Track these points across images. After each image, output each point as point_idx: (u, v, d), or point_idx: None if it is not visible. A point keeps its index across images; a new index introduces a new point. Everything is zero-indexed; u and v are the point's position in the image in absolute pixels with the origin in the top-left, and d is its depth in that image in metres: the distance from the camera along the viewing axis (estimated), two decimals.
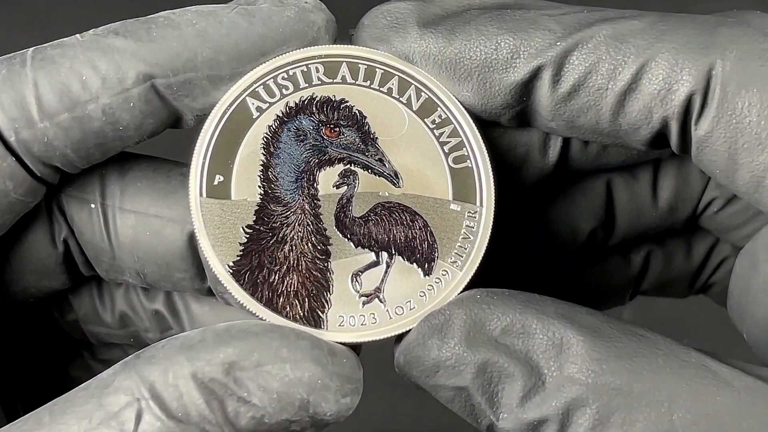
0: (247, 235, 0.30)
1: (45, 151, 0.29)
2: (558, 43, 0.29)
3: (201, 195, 0.30)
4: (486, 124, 0.32)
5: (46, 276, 0.33)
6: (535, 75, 0.29)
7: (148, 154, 0.32)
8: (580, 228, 0.34)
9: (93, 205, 0.32)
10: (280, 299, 0.30)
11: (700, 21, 0.29)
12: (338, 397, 0.28)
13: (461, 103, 0.31)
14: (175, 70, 0.29)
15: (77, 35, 0.30)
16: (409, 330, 0.29)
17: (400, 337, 0.30)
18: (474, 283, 0.30)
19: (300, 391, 0.27)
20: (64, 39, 0.30)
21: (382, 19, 0.31)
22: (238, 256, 0.30)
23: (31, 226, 0.32)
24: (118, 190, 0.32)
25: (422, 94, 0.31)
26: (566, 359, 0.27)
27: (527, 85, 0.30)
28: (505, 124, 0.31)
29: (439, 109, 0.31)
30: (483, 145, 0.31)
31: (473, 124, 0.31)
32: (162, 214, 0.32)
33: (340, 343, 0.29)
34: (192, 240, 0.32)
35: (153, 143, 0.32)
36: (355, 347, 0.30)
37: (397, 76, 0.31)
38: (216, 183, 0.30)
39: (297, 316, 0.30)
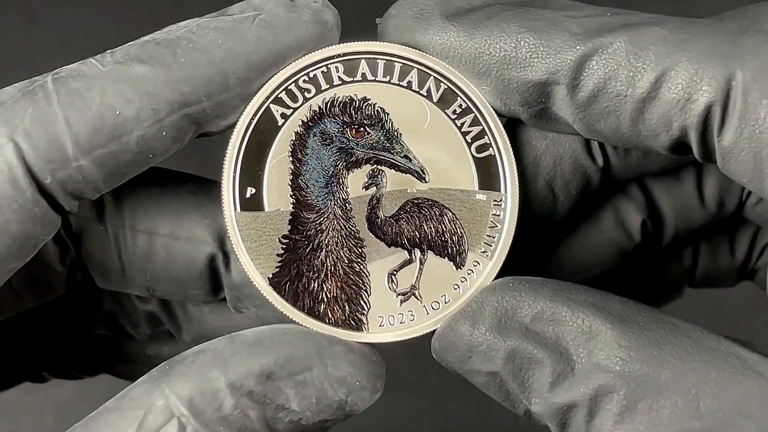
0: (284, 246, 0.30)
1: (78, 187, 0.29)
2: (578, 47, 0.29)
3: (235, 209, 0.30)
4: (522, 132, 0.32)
5: (46, 292, 0.33)
6: (553, 76, 0.29)
7: (153, 166, 0.31)
8: (632, 225, 0.34)
9: (102, 226, 0.32)
10: (321, 306, 0.30)
11: (722, 29, 0.28)
12: (373, 394, 0.29)
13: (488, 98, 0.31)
14: (209, 95, 0.29)
15: (94, 61, 0.29)
16: None
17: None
18: (504, 271, 0.31)
19: (339, 394, 0.29)
20: (81, 66, 0.29)
21: (408, 10, 0.31)
22: (276, 267, 0.30)
23: (39, 251, 0.30)
24: (128, 210, 0.32)
25: (441, 84, 0.31)
26: (595, 346, 0.28)
27: (545, 86, 0.30)
28: (526, 122, 0.31)
29: (459, 98, 0.31)
30: (504, 132, 0.31)
31: (493, 112, 0.31)
32: (178, 235, 0.32)
33: (382, 344, 0.30)
34: (211, 259, 0.32)
35: None
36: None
37: (415, 69, 0.31)
38: (248, 196, 0.30)
39: (339, 321, 0.31)
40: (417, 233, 0.31)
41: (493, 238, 0.31)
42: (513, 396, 0.30)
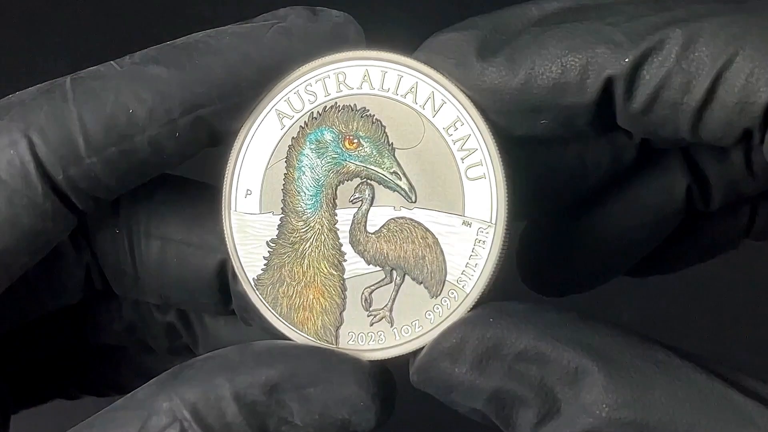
0: (270, 250, 0.30)
1: (91, 185, 0.29)
2: (625, 59, 0.27)
3: (233, 209, 0.31)
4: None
5: (62, 296, 0.33)
6: (607, 91, 0.28)
7: (171, 174, 0.32)
8: (676, 190, 0.33)
9: (117, 230, 0.32)
10: (297, 314, 0.30)
11: None
12: (378, 416, 0.29)
13: (540, 132, 0.30)
14: (222, 97, 0.29)
15: (113, 63, 0.30)
16: (423, 347, 0.30)
17: (416, 353, 0.30)
18: (480, 303, 0.30)
19: (342, 413, 0.28)
20: (100, 68, 0.29)
21: (439, 55, 0.30)
22: (261, 269, 0.30)
23: (54, 251, 0.31)
24: (144, 214, 0.32)
25: (444, 102, 0.30)
26: (582, 388, 0.27)
27: (603, 101, 0.28)
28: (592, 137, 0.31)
29: (459, 118, 0.30)
30: (499, 159, 0.30)
31: (492, 136, 0.30)
32: (190, 241, 0.32)
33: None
34: (221, 268, 0.32)
35: None
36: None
37: (419, 82, 0.30)
38: (246, 197, 0.31)
39: (311, 331, 0.30)
40: (396, 254, 0.30)
41: (474, 267, 0.30)
42: (498, 426, 0.29)
